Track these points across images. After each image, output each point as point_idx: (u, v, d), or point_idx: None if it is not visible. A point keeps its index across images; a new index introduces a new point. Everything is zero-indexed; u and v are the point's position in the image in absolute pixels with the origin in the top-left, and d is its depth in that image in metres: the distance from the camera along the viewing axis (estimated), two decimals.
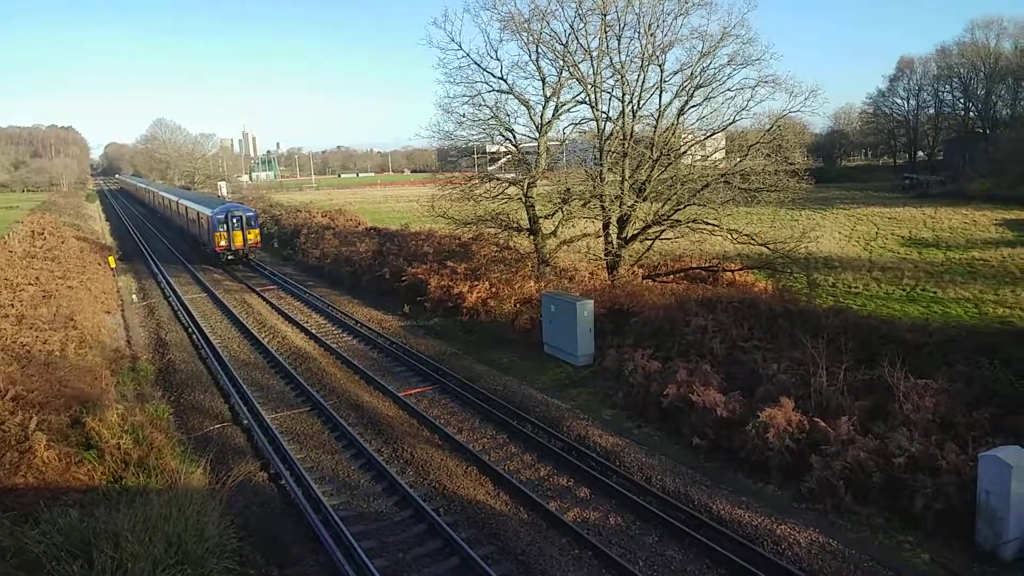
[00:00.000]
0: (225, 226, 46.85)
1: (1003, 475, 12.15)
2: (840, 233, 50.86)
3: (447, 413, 20.34)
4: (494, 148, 38.76)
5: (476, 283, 31.65)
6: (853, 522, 13.72)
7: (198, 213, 52.09)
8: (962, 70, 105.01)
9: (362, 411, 20.40)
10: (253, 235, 48.22)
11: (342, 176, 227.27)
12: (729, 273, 33.22)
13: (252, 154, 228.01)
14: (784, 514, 13.87)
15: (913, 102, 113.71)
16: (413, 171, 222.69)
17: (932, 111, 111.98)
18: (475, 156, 42.50)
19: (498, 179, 35.01)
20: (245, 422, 19.52)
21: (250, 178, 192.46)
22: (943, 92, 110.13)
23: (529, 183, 32.94)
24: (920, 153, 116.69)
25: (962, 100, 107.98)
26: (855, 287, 33.56)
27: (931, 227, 51.99)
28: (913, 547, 12.85)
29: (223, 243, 46.76)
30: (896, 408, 15.98)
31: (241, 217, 47.63)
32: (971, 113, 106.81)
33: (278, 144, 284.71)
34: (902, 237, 48.47)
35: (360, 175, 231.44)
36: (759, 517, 13.67)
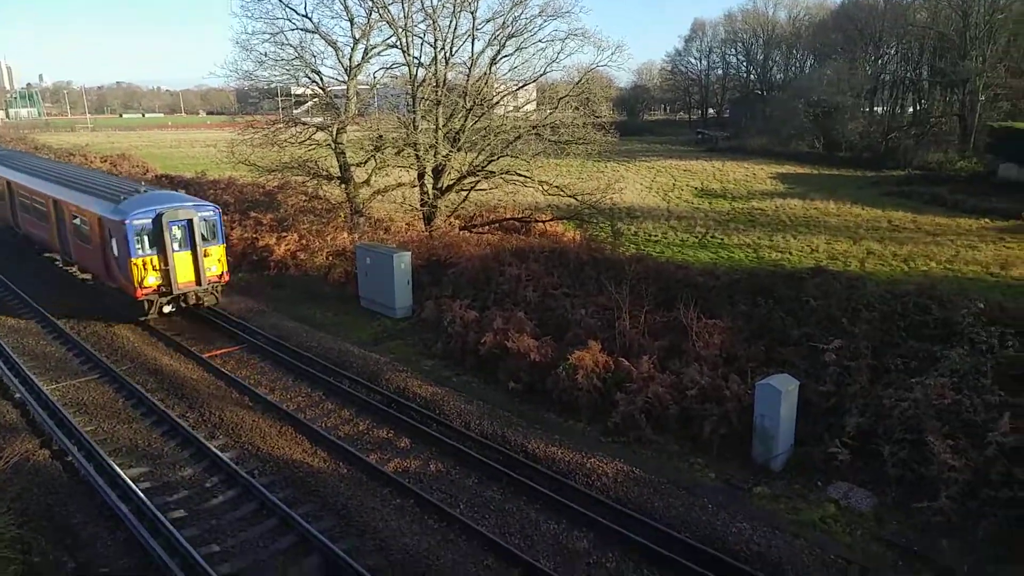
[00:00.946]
0: (157, 242, 21.45)
1: (774, 400, 13.86)
2: (641, 184, 54.29)
3: (257, 373, 19.32)
4: (300, 90, 36.67)
5: (284, 235, 30.11)
6: (653, 450, 15.00)
7: (84, 212, 23.88)
8: (745, 35, 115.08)
9: (161, 376, 18.79)
10: (216, 256, 22.84)
11: (124, 116, 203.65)
12: (541, 224, 34.34)
13: (8, 87, 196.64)
14: (593, 449, 14.80)
15: (704, 62, 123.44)
16: (209, 113, 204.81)
17: (720, 72, 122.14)
18: (279, 98, 39.91)
19: (305, 124, 33.19)
20: (17, 396, 17.25)
21: (7, 115, 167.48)
22: (729, 55, 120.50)
23: (339, 129, 31.57)
24: (711, 110, 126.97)
25: (744, 63, 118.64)
26: (655, 235, 36.08)
27: (719, 179, 57.03)
28: (703, 467, 14.36)
29: (152, 280, 21.54)
30: (690, 346, 17.56)
31: (191, 222, 21.94)
32: (752, 76, 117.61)
33: (41, 77, 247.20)
34: (695, 188, 52.76)
35: (147, 115, 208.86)
36: (571, 453, 14.47)
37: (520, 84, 34.62)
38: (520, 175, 32.68)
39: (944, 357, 17.22)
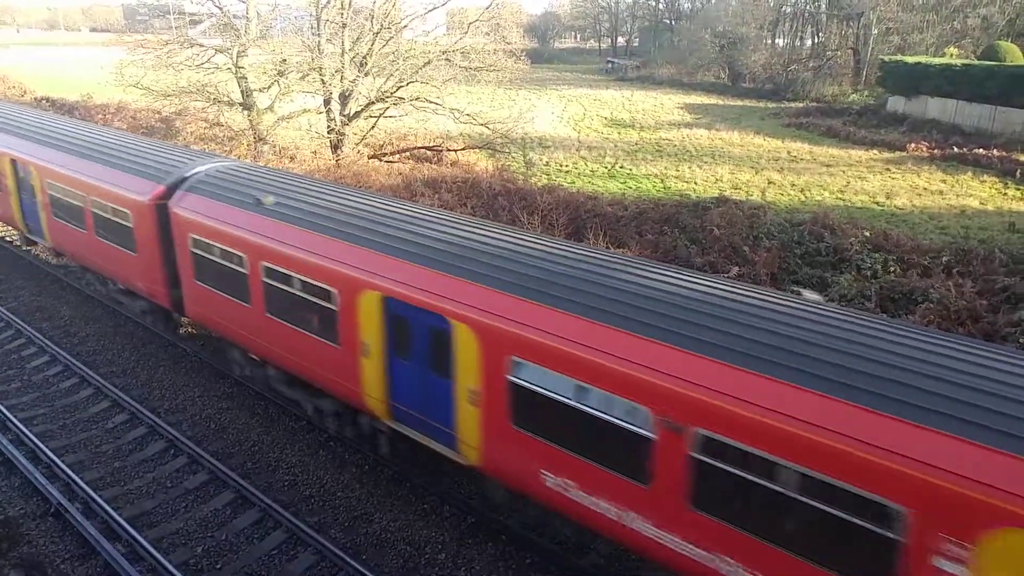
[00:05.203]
0: None
1: None
2: (553, 113, 54.18)
3: None
4: (195, 8, 34.22)
5: None
6: None
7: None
8: None
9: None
10: None
11: None
12: (453, 153, 33.93)
13: None
14: None
15: None
16: (92, 30, 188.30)
17: (630, 0, 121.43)
18: (172, 16, 37.18)
19: (202, 45, 31.15)
20: None
21: None
22: None
23: (239, 52, 29.85)
24: (620, 39, 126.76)
25: None
26: (566, 166, 36.34)
27: (628, 109, 57.57)
28: None
29: None
30: None
31: None
32: (660, 5, 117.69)
33: None
34: (605, 118, 53.10)
35: (21, 31, 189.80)
36: None
37: (429, 8, 33.52)
38: (431, 102, 31.99)
39: (835, 283, 18.53)
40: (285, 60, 30.34)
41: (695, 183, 32.85)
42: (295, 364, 12.09)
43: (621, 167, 36.06)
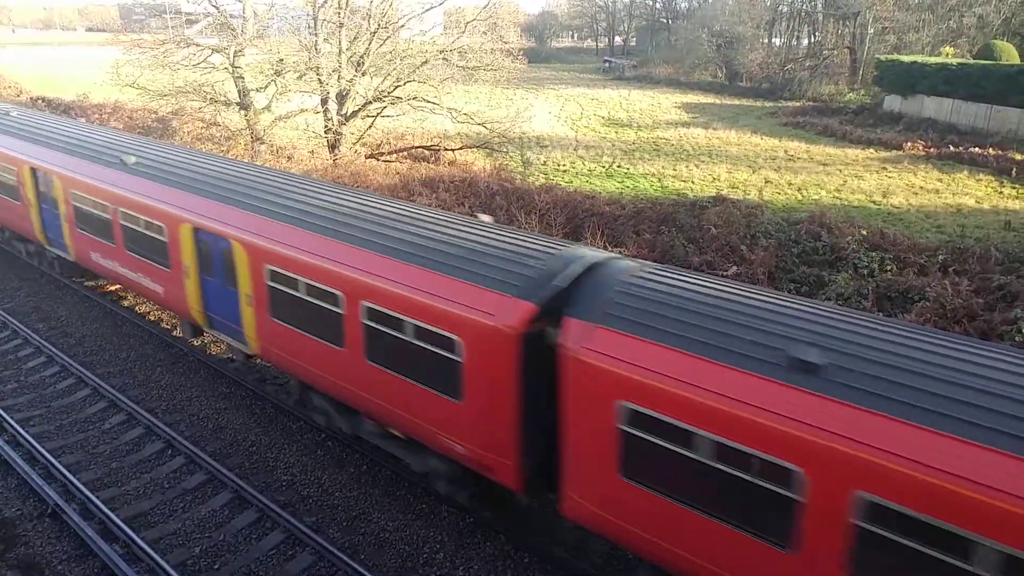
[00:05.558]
0: None
1: None
2: (550, 113, 54.18)
3: None
4: (191, 8, 34.14)
5: None
6: None
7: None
8: None
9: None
10: None
11: None
12: (450, 152, 33.92)
13: None
14: None
15: None
16: (88, 30, 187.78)
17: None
18: (168, 15, 37.10)
19: (198, 45, 31.09)
20: None
21: None
22: None
23: (236, 51, 29.80)
24: (618, 38, 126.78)
25: None
26: (563, 165, 36.34)
27: (626, 108, 57.59)
28: None
29: None
30: None
31: None
32: (657, 4, 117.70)
33: None
34: (603, 118, 53.12)
35: (16, 31, 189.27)
36: None
37: (426, 7, 33.49)
38: (428, 101, 31.96)
39: (832, 281, 18.55)
40: (282, 60, 30.31)
41: (692, 182, 32.87)
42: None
43: (619, 166, 36.08)
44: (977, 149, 37.24)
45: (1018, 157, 35.47)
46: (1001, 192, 30.66)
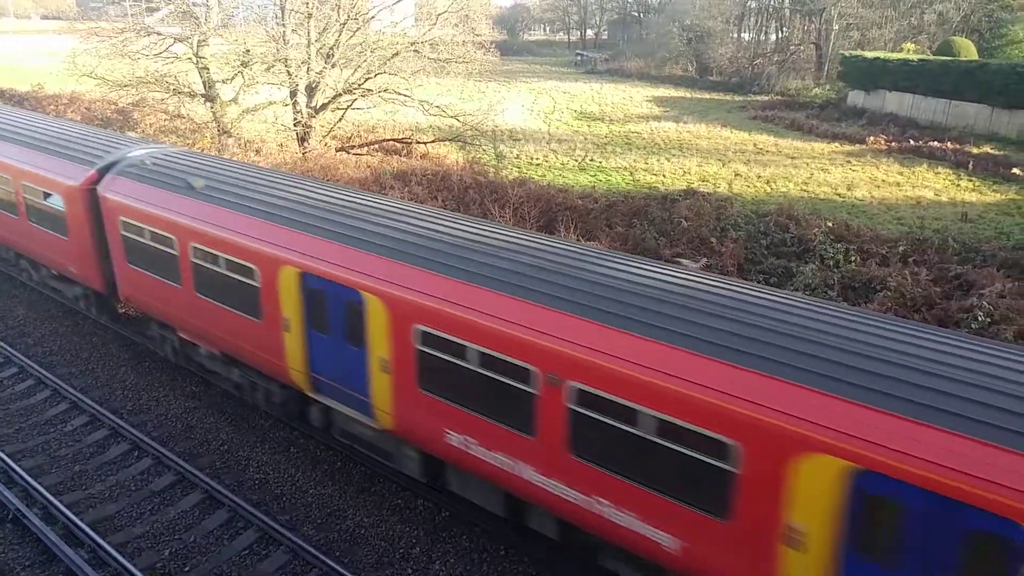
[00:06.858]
0: None
1: None
2: (523, 106, 54.00)
3: None
4: None
5: None
6: None
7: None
8: None
9: None
10: None
11: None
12: (422, 146, 33.66)
13: None
14: None
15: None
16: (44, 18, 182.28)
17: None
18: (127, 3, 36.13)
19: (159, 34, 30.29)
20: None
21: None
22: None
23: (200, 41, 29.12)
24: (590, 32, 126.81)
25: None
26: (536, 159, 36.27)
27: (598, 102, 57.64)
28: None
29: None
30: None
31: None
32: None
33: None
34: (575, 111, 53.13)
35: None
36: None
37: None
38: (399, 94, 31.65)
39: (799, 272, 18.80)
40: (248, 51, 29.69)
41: (664, 176, 33.05)
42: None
43: (591, 160, 36.11)
44: (936, 143, 38.06)
45: (975, 151, 36.32)
46: (958, 185, 31.35)
